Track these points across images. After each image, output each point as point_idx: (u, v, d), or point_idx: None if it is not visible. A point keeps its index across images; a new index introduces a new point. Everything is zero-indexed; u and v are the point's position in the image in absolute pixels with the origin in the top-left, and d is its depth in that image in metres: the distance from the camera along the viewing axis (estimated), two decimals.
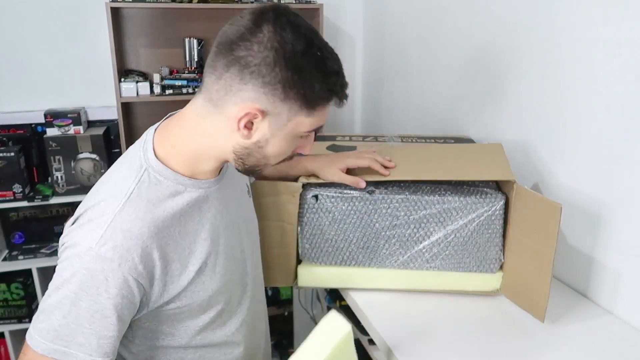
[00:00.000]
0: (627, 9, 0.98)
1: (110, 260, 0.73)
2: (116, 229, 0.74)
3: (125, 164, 0.83)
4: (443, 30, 1.66)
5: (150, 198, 0.78)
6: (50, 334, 0.73)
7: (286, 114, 0.77)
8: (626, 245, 1.04)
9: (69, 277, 0.73)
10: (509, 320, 1.05)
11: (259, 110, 0.75)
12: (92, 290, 0.73)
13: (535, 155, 1.26)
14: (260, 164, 0.83)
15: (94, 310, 0.73)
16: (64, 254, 0.76)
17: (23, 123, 2.02)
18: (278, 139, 0.79)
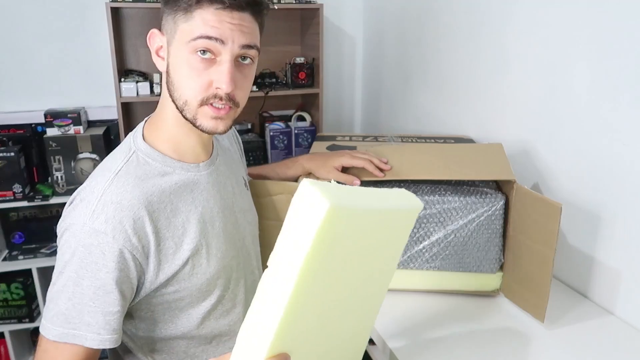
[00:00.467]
0: (627, 8, 0.98)
1: (104, 233, 0.74)
2: (106, 202, 0.75)
3: (117, 150, 0.86)
4: (443, 30, 1.66)
5: (138, 175, 0.80)
6: (59, 318, 0.74)
7: (173, 25, 0.78)
8: (626, 245, 1.04)
9: (69, 258, 0.75)
10: (509, 320, 1.05)
11: (158, 30, 0.81)
12: (92, 266, 0.74)
13: (536, 155, 1.26)
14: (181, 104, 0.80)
15: (96, 287, 0.75)
16: (62, 238, 0.77)
17: (23, 123, 2.02)
18: (173, 56, 0.79)
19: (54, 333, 0.74)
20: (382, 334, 1.01)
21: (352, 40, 2.42)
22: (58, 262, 0.77)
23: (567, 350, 0.96)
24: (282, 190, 1.10)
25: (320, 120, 2.17)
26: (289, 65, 2.15)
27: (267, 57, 2.26)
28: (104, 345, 0.76)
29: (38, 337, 0.78)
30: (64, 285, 0.75)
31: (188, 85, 0.78)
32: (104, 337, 0.75)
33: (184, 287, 0.84)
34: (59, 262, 0.77)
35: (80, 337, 0.74)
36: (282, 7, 2.05)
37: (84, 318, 0.74)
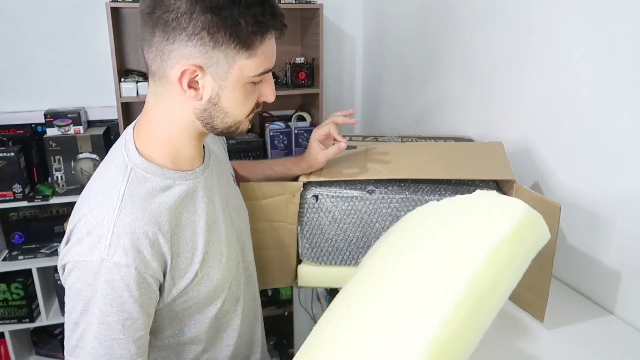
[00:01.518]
0: (627, 6, 0.98)
1: (126, 265, 0.72)
2: (120, 233, 0.73)
3: (109, 167, 0.81)
4: (443, 30, 1.66)
5: (142, 195, 0.77)
6: (90, 358, 0.73)
7: (225, 61, 0.74)
8: (626, 245, 1.04)
9: (91, 296, 0.72)
10: (508, 321, 1.05)
11: (196, 66, 0.73)
12: (117, 300, 0.73)
13: (536, 154, 1.26)
14: (230, 124, 0.81)
15: (123, 319, 0.73)
16: (72, 277, 0.74)
17: (23, 123, 2.02)
18: (228, 90, 0.76)
19: None
20: None
21: (352, 40, 2.42)
22: (75, 301, 0.73)
23: (567, 350, 0.96)
24: (283, 191, 1.10)
25: (320, 120, 2.17)
26: (289, 65, 2.15)
27: None
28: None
29: (37, 337, 0.78)
30: (89, 324, 0.73)
31: (242, 110, 0.80)
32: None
33: (192, 297, 0.84)
34: (76, 300, 0.73)
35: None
36: (282, 7, 2.04)
37: (116, 352, 0.74)
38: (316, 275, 1.17)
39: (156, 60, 0.75)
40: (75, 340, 0.74)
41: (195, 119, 0.80)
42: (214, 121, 0.80)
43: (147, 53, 0.76)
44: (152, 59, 0.76)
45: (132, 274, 0.73)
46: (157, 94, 0.79)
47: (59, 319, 2.07)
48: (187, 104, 0.78)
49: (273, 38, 0.77)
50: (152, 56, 0.75)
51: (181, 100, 0.78)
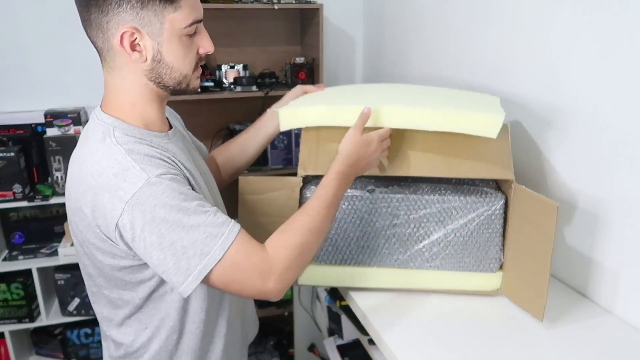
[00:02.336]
0: (628, 7, 0.98)
1: (164, 173, 0.80)
2: (139, 158, 0.80)
3: (90, 136, 0.87)
4: (443, 30, 1.66)
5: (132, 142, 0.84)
6: (208, 242, 0.79)
7: (156, 19, 0.82)
8: (625, 245, 1.04)
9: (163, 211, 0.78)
10: (509, 320, 1.05)
11: (132, 28, 0.81)
12: (181, 196, 0.80)
13: (535, 154, 1.26)
14: (178, 79, 0.88)
15: (198, 200, 0.82)
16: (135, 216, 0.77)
17: (23, 123, 2.02)
18: (166, 45, 0.84)
19: (228, 240, 0.80)
20: (382, 333, 1.01)
21: (352, 40, 2.42)
22: (154, 229, 0.78)
23: (566, 349, 0.96)
24: (282, 185, 1.10)
25: None
26: (289, 65, 2.15)
27: (267, 57, 2.26)
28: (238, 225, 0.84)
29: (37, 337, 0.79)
30: (184, 226, 0.78)
31: (185, 63, 0.87)
32: (235, 220, 0.85)
33: None
34: (155, 229, 0.78)
35: (232, 232, 0.81)
36: (282, 7, 2.05)
37: (219, 219, 0.81)
38: (316, 274, 1.17)
39: (99, 36, 0.83)
40: (182, 256, 0.78)
41: (148, 80, 0.87)
42: (164, 79, 0.87)
43: (90, 34, 0.85)
44: (96, 36, 0.84)
45: (173, 177, 0.81)
46: (110, 69, 0.87)
47: (59, 319, 2.07)
48: (136, 69, 0.85)
49: None
50: (94, 34, 0.84)
51: (130, 67, 0.85)
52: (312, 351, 2.02)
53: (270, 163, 2.17)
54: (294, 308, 2.08)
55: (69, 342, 2.15)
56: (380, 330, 1.01)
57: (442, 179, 1.12)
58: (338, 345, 1.65)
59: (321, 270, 1.16)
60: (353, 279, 1.16)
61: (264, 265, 0.83)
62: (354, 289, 1.17)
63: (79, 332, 2.14)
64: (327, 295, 1.65)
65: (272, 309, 2.31)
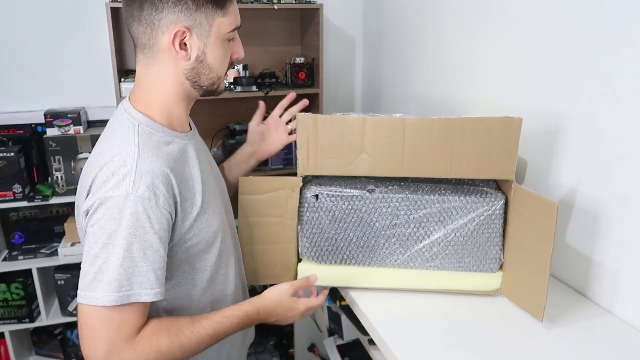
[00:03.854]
0: (627, 7, 0.98)
1: (149, 198, 0.81)
2: (142, 172, 0.82)
3: (116, 128, 0.90)
4: (443, 30, 1.66)
5: (153, 145, 0.87)
6: (112, 285, 0.79)
7: (206, 21, 0.88)
8: (625, 245, 1.04)
9: (116, 228, 0.80)
10: (509, 320, 1.05)
11: (184, 27, 0.86)
12: (140, 231, 0.81)
13: (535, 154, 1.26)
14: (213, 80, 0.94)
15: (145, 249, 0.81)
16: (97, 214, 0.81)
17: (23, 123, 2.02)
18: (211, 47, 0.90)
19: (110, 299, 0.79)
20: (382, 333, 1.01)
21: (352, 40, 2.42)
22: (98, 235, 0.80)
23: (566, 349, 0.96)
24: (282, 185, 1.10)
25: None
26: (289, 65, 2.15)
27: (267, 57, 2.26)
28: (156, 298, 0.83)
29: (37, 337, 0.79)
30: (112, 254, 0.79)
31: (222, 65, 0.94)
32: (155, 290, 0.83)
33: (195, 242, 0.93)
34: (99, 234, 0.80)
35: (135, 295, 0.81)
36: (282, 7, 2.05)
37: (136, 278, 0.81)
38: (316, 274, 1.17)
39: (146, 32, 0.87)
40: (92, 274, 0.80)
41: (185, 79, 0.91)
42: (201, 78, 0.92)
43: (136, 29, 0.88)
44: (143, 32, 0.87)
45: (153, 207, 0.82)
46: (148, 65, 0.90)
47: (59, 319, 2.07)
48: (177, 67, 0.90)
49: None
50: (142, 29, 0.87)
51: (172, 65, 0.89)
52: (312, 351, 2.02)
53: (270, 163, 2.17)
54: None
55: (69, 342, 2.15)
56: (380, 330, 1.01)
57: (442, 179, 1.12)
58: (338, 345, 1.65)
59: (321, 270, 1.16)
60: (353, 279, 1.16)
61: (120, 346, 0.80)
62: (354, 289, 1.17)
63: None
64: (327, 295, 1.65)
65: None
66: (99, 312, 0.80)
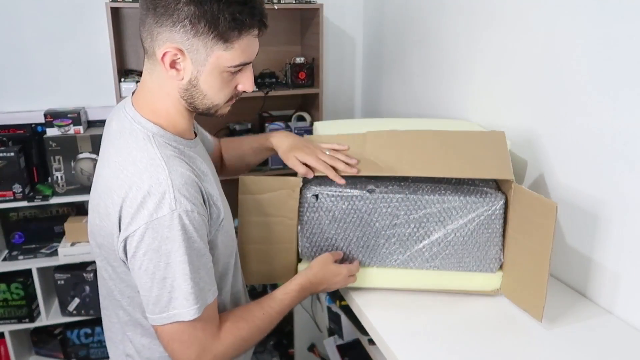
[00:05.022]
0: (626, 8, 0.98)
1: (192, 210, 0.82)
2: (178, 185, 0.81)
3: (129, 141, 0.87)
4: (443, 30, 1.66)
5: (172, 155, 0.86)
6: (190, 300, 0.81)
7: (204, 50, 0.82)
8: (625, 245, 1.04)
9: (172, 247, 0.80)
10: (509, 320, 1.05)
11: (176, 49, 0.81)
12: (190, 241, 0.82)
13: (535, 154, 1.26)
14: (208, 105, 0.89)
15: (199, 257, 0.84)
16: (146, 239, 0.80)
17: (23, 123, 2.02)
18: (206, 75, 0.84)
19: (192, 313, 0.82)
20: (382, 333, 1.01)
21: (352, 40, 2.42)
22: (157, 259, 0.80)
23: (566, 349, 0.96)
24: (282, 185, 1.10)
25: (320, 120, 2.17)
26: (289, 65, 2.15)
27: (267, 57, 2.26)
28: (216, 294, 0.88)
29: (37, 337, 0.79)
30: (177, 271, 0.81)
31: (219, 95, 0.88)
32: (214, 288, 0.87)
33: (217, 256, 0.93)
34: (158, 258, 0.80)
35: (206, 299, 0.85)
36: (282, 7, 2.05)
37: (202, 284, 0.84)
38: None
39: (147, 39, 0.84)
40: (167, 295, 0.81)
41: (180, 97, 0.88)
42: (195, 101, 0.88)
43: (141, 31, 0.85)
44: (145, 37, 0.85)
45: (196, 217, 0.82)
46: (151, 71, 0.88)
47: (59, 319, 2.07)
48: (172, 84, 0.86)
49: (253, 35, 0.85)
50: (145, 34, 0.84)
51: (167, 80, 0.86)
52: (312, 351, 2.02)
53: (270, 163, 2.17)
54: (294, 308, 2.08)
55: (68, 342, 2.15)
56: (380, 330, 1.01)
57: (442, 179, 1.12)
58: (338, 345, 1.65)
59: None
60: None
61: (209, 344, 0.86)
62: (354, 289, 1.17)
63: (78, 332, 2.14)
64: (327, 295, 1.65)
65: None
66: (185, 326, 0.83)
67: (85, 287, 2.02)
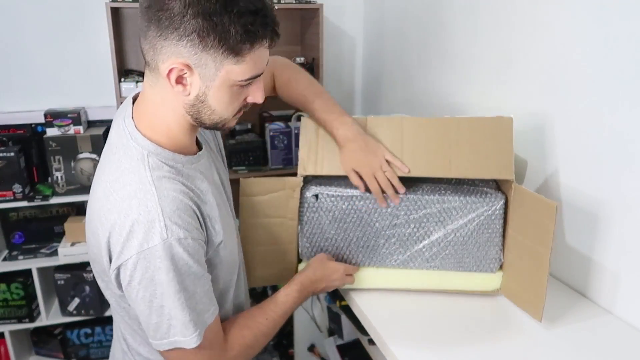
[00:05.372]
0: (626, 8, 0.98)
1: (185, 237, 0.78)
2: (170, 212, 0.78)
3: (122, 160, 0.83)
4: (444, 30, 1.66)
5: (166, 176, 0.82)
6: (189, 328, 0.80)
7: (213, 64, 0.76)
8: (625, 245, 1.04)
9: (165, 276, 0.77)
10: (509, 320, 1.05)
11: (183, 64, 0.75)
12: (185, 268, 0.79)
13: (535, 154, 1.26)
14: (215, 121, 0.84)
15: (195, 280, 0.81)
16: (139, 269, 0.77)
17: (23, 123, 2.02)
18: (215, 90, 0.79)
19: (194, 341, 0.81)
20: (382, 333, 1.01)
21: (352, 40, 2.42)
22: (152, 288, 0.78)
23: (566, 349, 0.96)
24: (282, 186, 1.10)
25: None
26: None
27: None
28: (217, 313, 0.86)
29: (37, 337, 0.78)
30: (174, 299, 0.79)
31: (229, 109, 0.83)
32: (213, 308, 0.85)
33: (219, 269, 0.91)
34: (152, 287, 0.78)
35: (206, 322, 0.83)
36: (282, 7, 2.05)
37: (201, 308, 0.82)
38: None
39: (149, 52, 0.78)
40: (166, 322, 0.80)
41: (185, 113, 0.83)
42: (202, 117, 0.83)
43: (142, 43, 0.79)
44: (147, 50, 0.79)
45: (190, 242, 0.79)
46: (152, 84, 0.82)
47: (59, 319, 2.07)
48: (178, 99, 0.81)
49: (264, 46, 0.79)
50: (146, 47, 0.78)
51: (172, 95, 0.81)
52: (312, 351, 2.02)
53: (270, 163, 2.17)
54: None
55: (68, 342, 2.15)
56: (380, 330, 1.01)
57: (442, 179, 1.12)
58: (338, 345, 1.65)
59: None
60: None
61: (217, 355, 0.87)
62: (354, 289, 1.16)
63: (78, 332, 2.14)
64: (327, 295, 1.65)
65: None
66: (189, 352, 0.82)
67: (85, 287, 2.02)
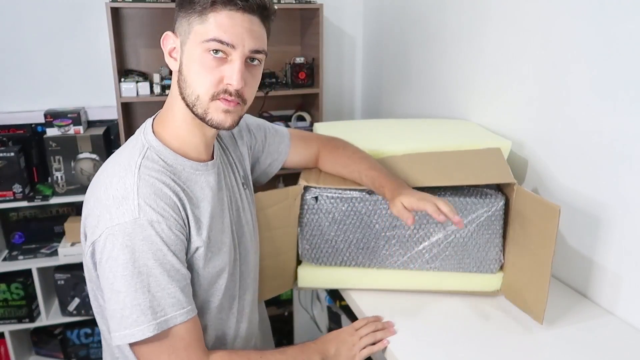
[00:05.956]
0: (626, 8, 0.98)
1: (157, 221, 0.77)
2: (146, 193, 0.78)
3: (127, 147, 0.87)
4: (443, 30, 1.66)
5: (157, 169, 0.82)
6: (146, 315, 0.76)
7: (187, 26, 0.82)
8: (625, 246, 1.04)
9: (130, 257, 0.76)
10: (509, 321, 1.05)
11: (172, 32, 0.84)
12: (158, 253, 0.77)
13: (536, 156, 1.26)
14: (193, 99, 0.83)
15: (168, 269, 0.78)
16: (107, 247, 0.76)
17: (23, 123, 2.02)
18: (187, 55, 0.82)
19: (150, 330, 0.76)
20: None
21: (352, 40, 2.42)
22: (113, 268, 0.76)
23: (567, 350, 0.96)
24: (286, 196, 1.09)
25: (320, 120, 2.17)
26: (289, 65, 2.15)
27: (267, 57, 2.26)
28: (191, 315, 0.81)
29: (37, 337, 0.78)
30: (135, 285, 0.76)
31: (200, 82, 0.81)
32: (187, 308, 0.80)
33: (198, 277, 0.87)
34: (114, 267, 0.76)
35: (171, 319, 0.78)
36: (282, 7, 2.04)
37: (167, 301, 0.78)
38: (316, 276, 1.17)
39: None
40: (120, 311, 0.77)
41: (181, 99, 0.84)
42: (185, 94, 0.83)
43: None
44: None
45: (164, 230, 0.78)
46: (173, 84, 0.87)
47: (59, 319, 2.06)
48: (175, 81, 0.85)
49: (233, 12, 0.80)
50: None
51: (175, 78, 0.85)
52: None
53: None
54: (294, 308, 2.08)
55: (68, 342, 2.15)
56: None
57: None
58: None
59: (321, 272, 1.16)
60: (353, 280, 1.16)
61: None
62: (354, 290, 1.16)
63: (78, 332, 2.14)
64: (327, 295, 1.65)
65: (272, 308, 2.31)
66: (148, 347, 0.78)
67: (85, 287, 2.02)
